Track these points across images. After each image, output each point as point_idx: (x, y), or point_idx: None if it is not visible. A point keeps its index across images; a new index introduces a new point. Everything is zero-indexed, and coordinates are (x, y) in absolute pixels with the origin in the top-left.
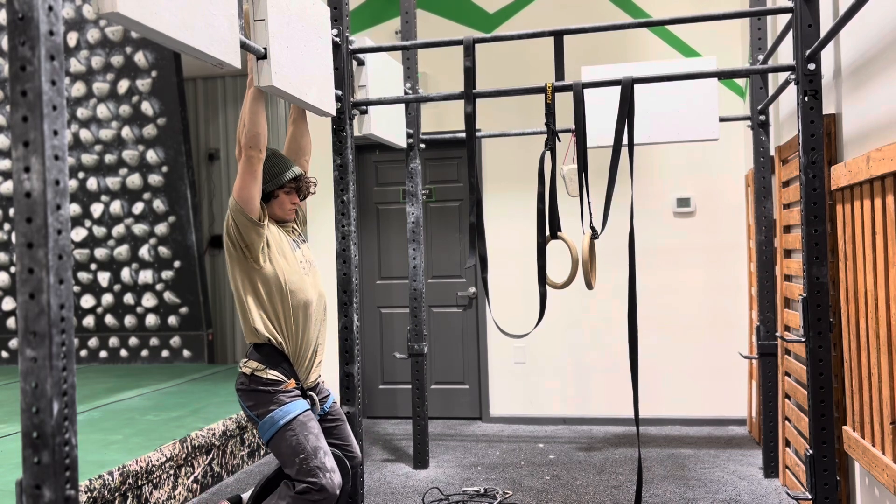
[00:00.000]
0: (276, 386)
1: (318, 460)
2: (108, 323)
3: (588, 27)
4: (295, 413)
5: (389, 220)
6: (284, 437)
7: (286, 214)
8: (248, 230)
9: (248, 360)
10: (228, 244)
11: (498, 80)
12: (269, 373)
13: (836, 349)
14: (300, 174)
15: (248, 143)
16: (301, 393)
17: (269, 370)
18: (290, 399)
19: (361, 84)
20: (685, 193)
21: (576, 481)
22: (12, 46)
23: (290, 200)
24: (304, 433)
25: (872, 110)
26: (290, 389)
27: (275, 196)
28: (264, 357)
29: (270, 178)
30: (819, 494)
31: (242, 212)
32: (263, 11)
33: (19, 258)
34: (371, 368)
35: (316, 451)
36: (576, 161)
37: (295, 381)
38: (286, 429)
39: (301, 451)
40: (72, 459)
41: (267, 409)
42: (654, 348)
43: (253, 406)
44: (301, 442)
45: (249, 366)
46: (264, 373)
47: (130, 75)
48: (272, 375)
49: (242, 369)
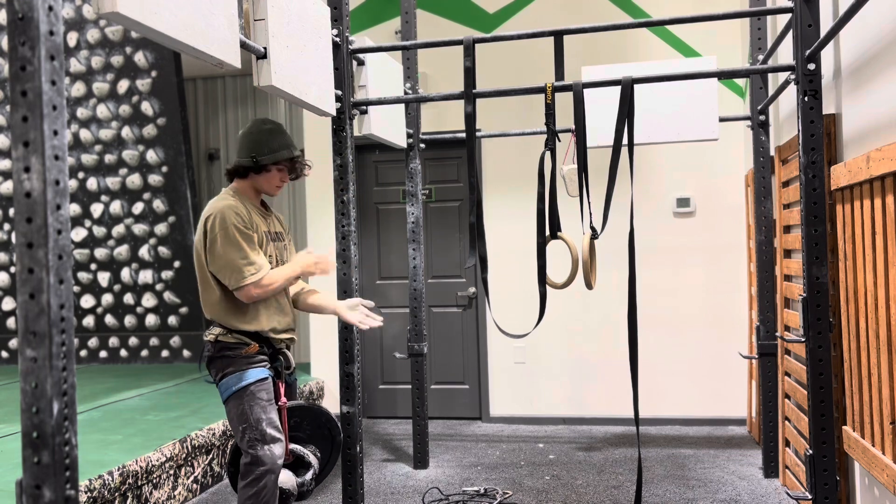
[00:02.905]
0: (237, 350)
1: (259, 431)
2: (108, 323)
3: (588, 27)
4: (249, 381)
5: (389, 220)
6: (234, 405)
7: (272, 191)
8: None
9: (211, 327)
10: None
11: (498, 80)
12: (233, 335)
13: (836, 349)
14: (298, 156)
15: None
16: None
17: (232, 333)
18: (249, 366)
19: (361, 84)
20: (685, 193)
21: (576, 481)
22: (12, 46)
23: (281, 178)
24: (250, 403)
25: (872, 110)
26: (252, 354)
27: (267, 170)
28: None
29: (268, 151)
30: (819, 494)
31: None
32: (263, 11)
33: (19, 258)
34: (371, 368)
35: (258, 423)
36: (576, 161)
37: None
38: (236, 395)
39: (244, 420)
40: (72, 459)
41: (225, 373)
42: (654, 348)
43: (215, 372)
44: (245, 411)
45: (213, 332)
46: (227, 336)
47: (130, 75)
48: (235, 338)
49: (207, 337)
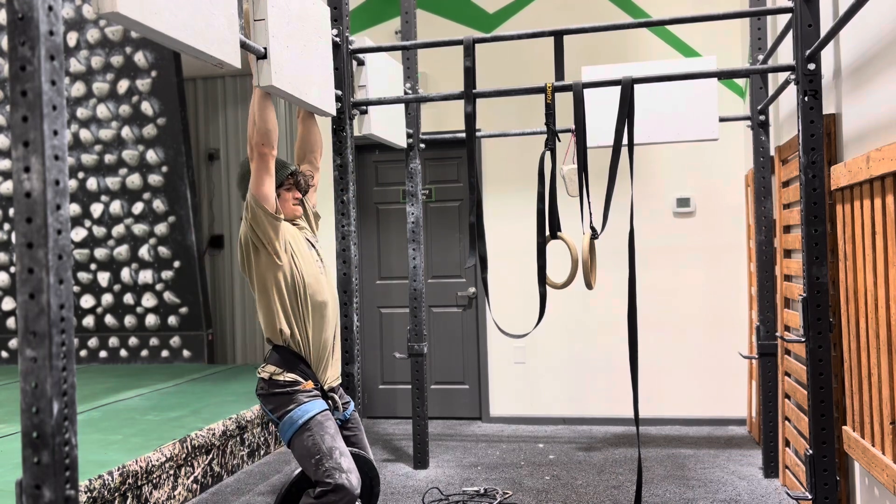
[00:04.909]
0: (293, 386)
1: (334, 461)
2: (108, 323)
3: (588, 27)
4: (313, 412)
5: (389, 220)
6: (302, 438)
7: (293, 210)
8: (267, 224)
9: (265, 365)
10: (250, 241)
11: (498, 80)
12: (287, 375)
13: (836, 349)
14: (294, 169)
15: (260, 140)
16: (321, 394)
17: (286, 373)
18: (309, 399)
19: (361, 84)
20: (685, 193)
21: (576, 481)
22: (12, 46)
23: (293, 196)
24: (320, 433)
25: (872, 110)
26: (308, 389)
27: (277, 195)
28: (282, 360)
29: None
30: (819, 494)
31: (261, 206)
32: (263, 11)
33: (19, 258)
34: (371, 368)
35: (332, 452)
36: (576, 161)
37: (313, 383)
38: (304, 429)
39: (316, 451)
40: (72, 459)
41: (286, 410)
42: (654, 348)
43: (273, 409)
44: (317, 442)
45: (267, 370)
46: (282, 375)
47: (130, 75)
48: (289, 377)
49: (261, 374)
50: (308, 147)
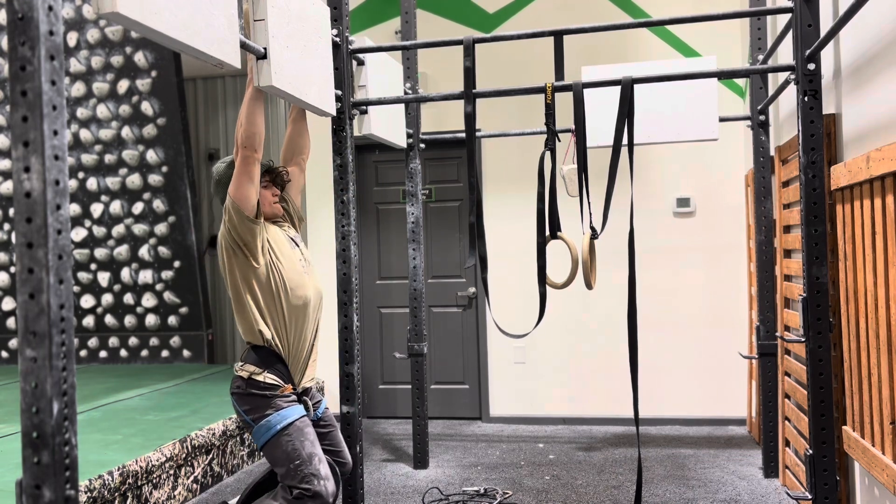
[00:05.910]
0: (272, 390)
1: (314, 467)
2: (108, 323)
3: (588, 27)
4: (292, 418)
5: (389, 220)
6: (280, 443)
7: (273, 209)
8: (245, 228)
9: (244, 364)
10: (227, 244)
11: (498, 80)
12: (267, 376)
13: (836, 349)
14: (269, 166)
15: (244, 142)
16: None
17: (266, 373)
18: (287, 404)
19: (361, 84)
20: (685, 193)
21: (576, 481)
22: (12, 46)
23: (271, 193)
24: (300, 439)
25: (872, 110)
26: (287, 394)
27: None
28: (261, 360)
29: None
30: (819, 494)
31: (239, 209)
32: (263, 11)
33: (19, 258)
34: (371, 368)
35: (311, 458)
36: (576, 161)
37: (292, 387)
38: (282, 434)
39: (297, 457)
40: (72, 459)
41: (263, 414)
42: (654, 348)
43: (249, 410)
44: (297, 448)
45: (246, 369)
46: (261, 376)
47: (130, 75)
48: (269, 379)
49: (239, 373)
50: (297, 149)
